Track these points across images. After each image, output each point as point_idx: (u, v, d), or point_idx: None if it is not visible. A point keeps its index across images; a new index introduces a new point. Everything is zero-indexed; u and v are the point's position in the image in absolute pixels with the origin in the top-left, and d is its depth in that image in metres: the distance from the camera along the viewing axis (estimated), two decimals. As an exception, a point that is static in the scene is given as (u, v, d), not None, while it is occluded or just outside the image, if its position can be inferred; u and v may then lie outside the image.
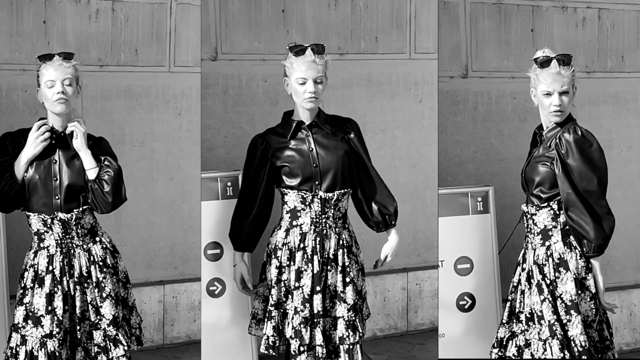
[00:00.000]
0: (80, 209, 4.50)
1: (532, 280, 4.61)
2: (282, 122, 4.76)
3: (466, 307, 5.28)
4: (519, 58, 5.73)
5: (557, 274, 4.54)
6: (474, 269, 5.25)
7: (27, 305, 4.48)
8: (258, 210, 4.77)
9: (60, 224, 4.48)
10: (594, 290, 4.53)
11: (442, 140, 5.64)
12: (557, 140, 4.55)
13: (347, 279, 4.71)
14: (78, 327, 4.53)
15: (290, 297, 4.70)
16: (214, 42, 5.62)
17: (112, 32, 5.69)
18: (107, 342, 4.55)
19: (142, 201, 5.88)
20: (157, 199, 5.93)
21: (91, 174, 4.49)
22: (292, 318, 4.68)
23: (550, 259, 4.57)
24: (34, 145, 4.45)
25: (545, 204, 4.58)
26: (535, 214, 4.61)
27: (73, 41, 5.56)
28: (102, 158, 4.53)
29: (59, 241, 4.50)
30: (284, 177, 4.71)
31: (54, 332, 4.45)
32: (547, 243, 4.59)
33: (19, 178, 4.45)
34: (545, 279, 4.57)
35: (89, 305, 4.56)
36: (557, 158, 4.53)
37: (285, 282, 4.71)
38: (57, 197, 4.47)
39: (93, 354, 4.57)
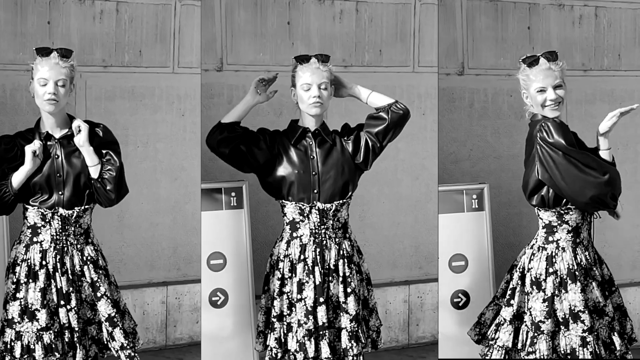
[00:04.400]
0: (82, 207, 4.53)
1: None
2: (288, 128, 4.80)
3: (460, 304, 5.26)
4: (515, 55, 5.69)
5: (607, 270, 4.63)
6: (468, 266, 5.23)
7: (21, 300, 4.49)
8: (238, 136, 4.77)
9: (59, 219, 4.50)
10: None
11: (437, 137, 5.63)
12: None
13: (349, 290, 4.70)
14: (76, 327, 4.52)
15: (294, 309, 4.70)
16: (220, 53, 5.65)
17: (116, 33, 5.74)
18: (106, 336, 4.58)
19: (145, 202, 5.90)
20: (160, 200, 5.96)
21: (93, 171, 4.50)
22: (296, 331, 4.68)
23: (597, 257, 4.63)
24: (29, 160, 4.44)
25: None
26: None
27: (77, 42, 5.60)
28: (104, 152, 4.53)
29: (54, 237, 4.51)
30: (282, 187, 4.72)
31: (49, 325, 4.47)
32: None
33: (15, 188, 4.44)
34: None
35: (84, 302, 4.57)
36: None
37: (288, 294, 4.72)
38: (60, 193, 4.49)
39: (87, 347, 4.59)
